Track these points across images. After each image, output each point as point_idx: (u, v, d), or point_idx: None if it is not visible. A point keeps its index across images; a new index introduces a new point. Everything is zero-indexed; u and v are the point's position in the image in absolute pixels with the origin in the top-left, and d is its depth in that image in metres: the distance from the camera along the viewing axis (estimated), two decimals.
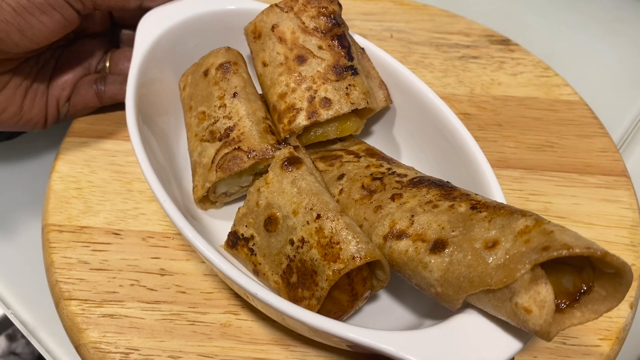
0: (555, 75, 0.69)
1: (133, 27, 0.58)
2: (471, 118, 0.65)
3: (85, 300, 0.49)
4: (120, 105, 0.63)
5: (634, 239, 0.55)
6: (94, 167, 0.59)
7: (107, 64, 0.63)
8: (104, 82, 0.61)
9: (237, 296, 0.50)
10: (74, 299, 0.49)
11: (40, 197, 0.57)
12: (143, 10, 0.58)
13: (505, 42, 0.73)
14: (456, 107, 0.66)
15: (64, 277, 0.51)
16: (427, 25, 0.75)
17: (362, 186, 0.48)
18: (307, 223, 0.43)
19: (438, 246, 0.39)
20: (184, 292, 0.50)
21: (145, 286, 0.51)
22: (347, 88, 0.51)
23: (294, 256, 0.44)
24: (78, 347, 0.48)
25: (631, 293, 0.50)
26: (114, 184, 0.58)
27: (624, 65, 0.79)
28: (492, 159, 0.48)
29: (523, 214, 0.37)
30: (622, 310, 0.49)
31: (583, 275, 0.35)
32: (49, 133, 0.69)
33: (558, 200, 0.58)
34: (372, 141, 0.59)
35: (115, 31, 0.66)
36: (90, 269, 0.51)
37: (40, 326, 0.56)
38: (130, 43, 0.61)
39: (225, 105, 0.53)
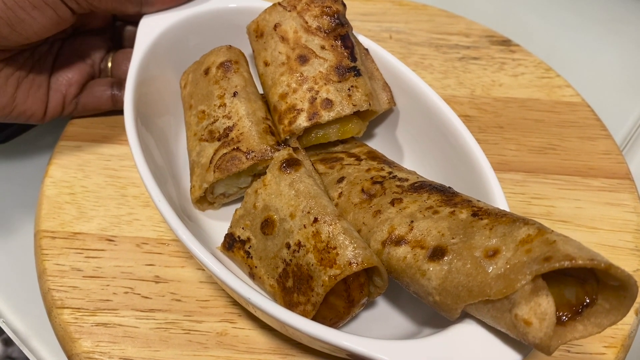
0: (557, 76, 0.68)
1: (136, 24, 0.58)
2: (472, 120, 0.64)
3: (78, 308, 0.49)
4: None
5: (639, 244, 0.53)
6: (87, 172, 0.58)
7: (109, 65, 0.63)
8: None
9: (233, 304, 0.49)
10: (67, 308, 0.49)
11: (33, 202, 0.57)
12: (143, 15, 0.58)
13: (506, 42, 0.72)
14: (457, 109, 0.64)
15: (57, 284, 0.50)
16: (426, 25, 0.74)
17: (362, 190, 0.47)
18: (304, 227, 0.42)
19: (437, 253, 0.39)
20: (179, 300, 0.50)
21: (139, 294, 0.50)
22: (349, 89, 0.50)
23: (290, 260, 0.43)
24: (71, 357, 0.47)
25: (637, 299, 0.49)
26: (108, 189, 0.57)
27: (626, 65, 0.78)
28: (493, 162, 0.47)
29: (525, 222, 0.36)
30: (627, 317, 0.48)
31: (586, 287, 0.34)
32: (42, 136, 0.68)
33: (561, 203, 0.57)
34: (375, 143, 0.58)
35: (118, 27, 0.65)
36: (84, 277, 0.51)
37: (33, 335, 0.55)
38: (133, 41, 0.61)
39: (225, 105, 0.52)
